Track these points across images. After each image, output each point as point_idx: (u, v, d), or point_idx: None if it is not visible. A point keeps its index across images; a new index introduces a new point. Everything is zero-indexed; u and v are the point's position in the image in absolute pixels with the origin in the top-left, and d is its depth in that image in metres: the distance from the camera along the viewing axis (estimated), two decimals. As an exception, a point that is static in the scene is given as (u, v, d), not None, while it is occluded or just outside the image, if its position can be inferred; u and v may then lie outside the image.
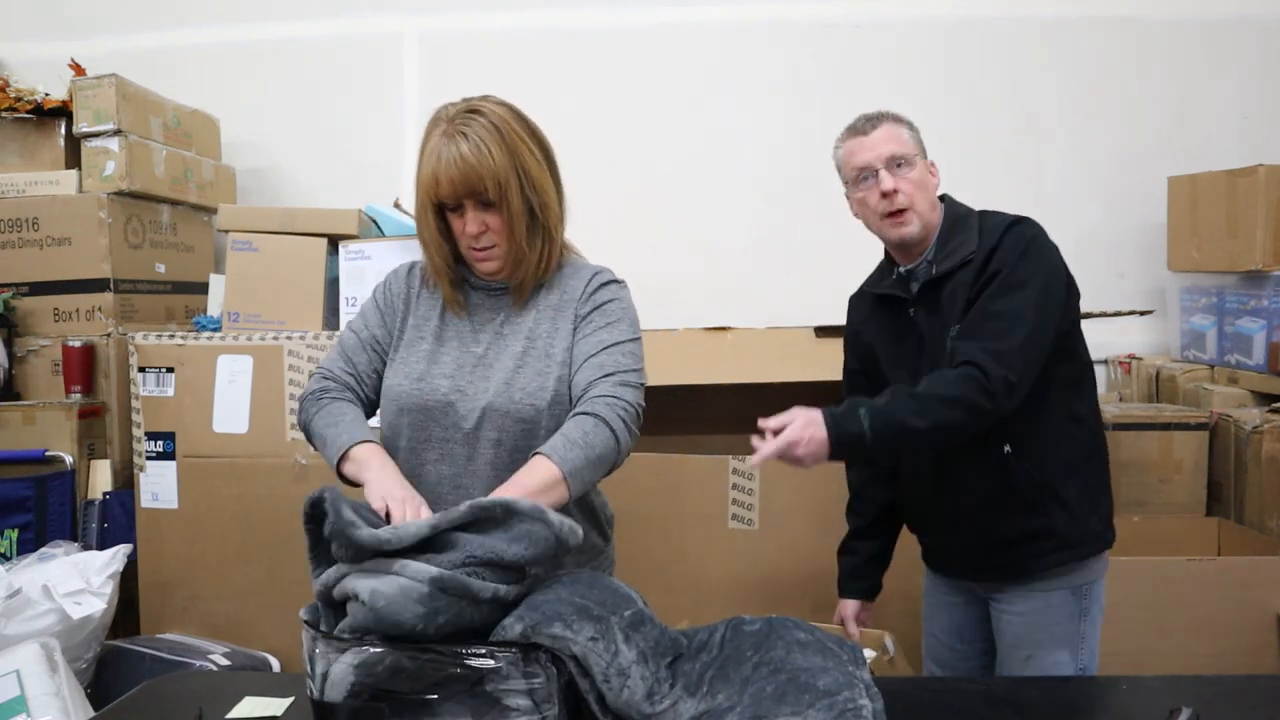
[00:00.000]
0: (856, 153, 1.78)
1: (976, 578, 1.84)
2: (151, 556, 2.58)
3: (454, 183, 1.44)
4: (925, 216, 1.75)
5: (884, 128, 1.77)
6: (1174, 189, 3.06)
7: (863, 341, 1.90)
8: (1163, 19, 3.19)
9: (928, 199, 1.77)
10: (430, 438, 1.51)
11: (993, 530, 1.74)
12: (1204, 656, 2.24)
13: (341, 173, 3.37)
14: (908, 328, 1.79)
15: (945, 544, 1.87)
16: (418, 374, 1.51)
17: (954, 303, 1.71)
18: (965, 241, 1.74)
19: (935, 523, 1.86)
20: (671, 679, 1.23)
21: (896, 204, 1.73)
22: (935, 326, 1.73)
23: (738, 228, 3.30)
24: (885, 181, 1.73)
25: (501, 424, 1.48)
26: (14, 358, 2.76)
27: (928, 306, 1.76)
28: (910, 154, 1.75)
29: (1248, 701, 1.39)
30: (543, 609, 1.19)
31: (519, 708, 1.14)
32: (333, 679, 1.15)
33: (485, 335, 1.54)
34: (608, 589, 1.29)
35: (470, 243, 1.49)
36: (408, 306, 1.59)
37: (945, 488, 1.78)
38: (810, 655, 1.26)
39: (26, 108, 2.80)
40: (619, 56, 3.33)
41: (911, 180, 1.74)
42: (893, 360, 1.82)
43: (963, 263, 1.72)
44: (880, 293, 1.85)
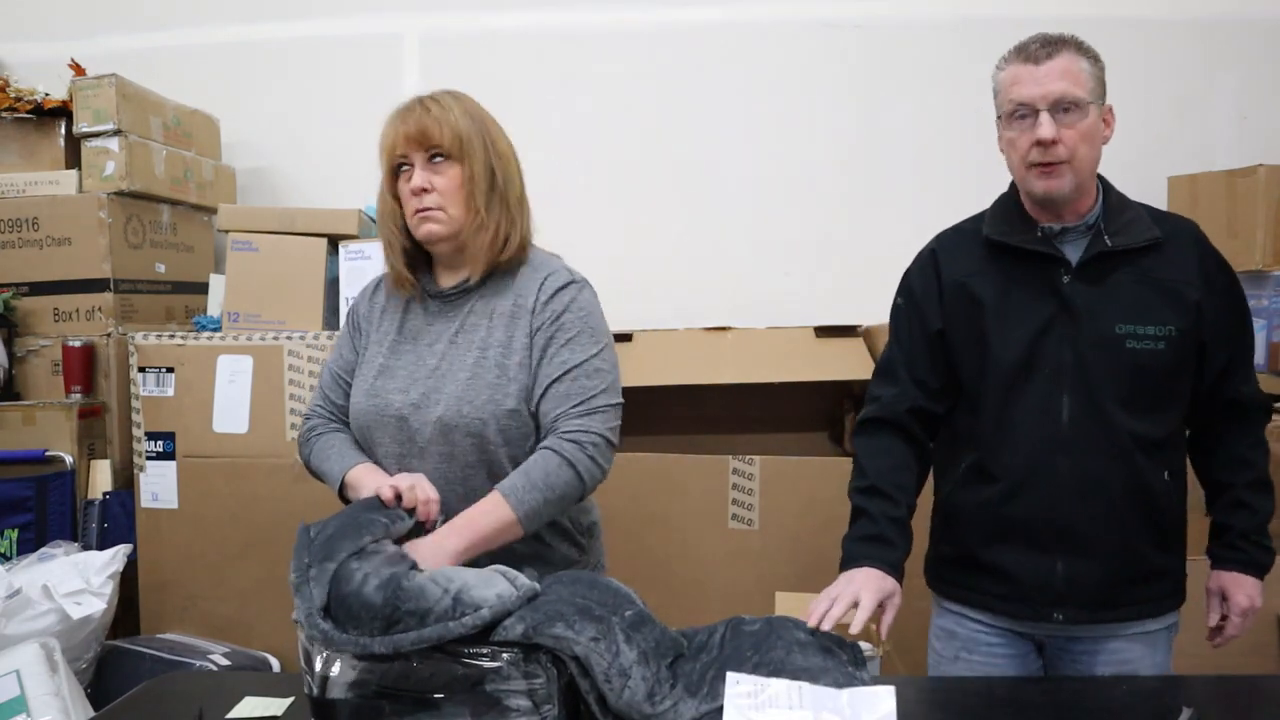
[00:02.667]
0: (1020, 83, 1.49)
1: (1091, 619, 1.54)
2: (151, 556, 2.58)
3: (409, 137, 1.45)
4: (1084, 174, 1.51)
5: (1062, 58, 1.48)
6: (1174, 189, 3.06)
7: (967, 294, 1.58)
8: (1163, 19, 3.19)
9: (1093, 154, 1.51)
10: (389, 453, 1.50)
11: (1147, 561, 1.54)
12: (1204, 657, 2.24)
13: (341, 173, 3.36)
14: (1047, 292, 1.52)
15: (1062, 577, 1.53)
16: (373, 389, 1.51)
17: (1126, 288, 1.50)
18: (1139, 221, 1.54)
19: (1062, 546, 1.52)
20: (672, 679, 1.23)
21: (1052, 155, 1.47)
22: (1098, 304, 1.51)
23: (737, 227, 3.30)
24: (1044, 128, 1.46)
25: (453, 438, 1.45)
26: (14, 358, 2.76)
27: (1088, 280, 1.51)
28: (1085, 99, 1.48)
29: (1248, 701, 1.39)
30: (544, 609, 1.19)
31: (519, 708, 1.14)
32: (334, 678, 1.15)
33: (440, 345, 1.51)
34: (608, 589, 1.29)
35: (415, 204, 1.46)
36: (370, 324, 1.59)
37: (1111, 503, 1.51)
38: (810, 656, 1.26)
39: (26, 108, 2.79)
40: (619, 56, 3.33)
41: (1079, 130, 1.48)
42: (1012, 325, 1.54)
43: (1145, 245, 1.51)
44: (1021, 246, 1.54)
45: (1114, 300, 1.51)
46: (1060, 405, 1.51)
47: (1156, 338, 1.49)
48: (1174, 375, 1.52)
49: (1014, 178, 1.57)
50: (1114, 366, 1.50)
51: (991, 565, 1.57)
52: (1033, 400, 1.52)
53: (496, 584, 1.20)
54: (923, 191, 3.17)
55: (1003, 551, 1.56)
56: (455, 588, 1.17)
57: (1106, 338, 1.50)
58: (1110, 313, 1.50)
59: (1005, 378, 1.54)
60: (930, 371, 1.62)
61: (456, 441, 1.45)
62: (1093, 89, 1.49)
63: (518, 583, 1.21)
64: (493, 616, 1.15)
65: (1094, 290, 1.51)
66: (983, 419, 1.57)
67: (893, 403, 1.63)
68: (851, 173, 3.23)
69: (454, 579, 1.19)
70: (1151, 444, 1.52)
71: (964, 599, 1.64)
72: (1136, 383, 1.50)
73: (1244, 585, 1.58)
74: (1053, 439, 1.51)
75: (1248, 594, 1.57)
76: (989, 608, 1.60)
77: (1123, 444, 1.50)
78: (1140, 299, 1.51)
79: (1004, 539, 1.56)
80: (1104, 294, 1.51)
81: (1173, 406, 1.55)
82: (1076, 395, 1.51)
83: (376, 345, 1.56)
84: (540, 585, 1.25)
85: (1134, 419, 1.50)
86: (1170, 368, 1.51)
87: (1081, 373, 1.50)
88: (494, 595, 1.17)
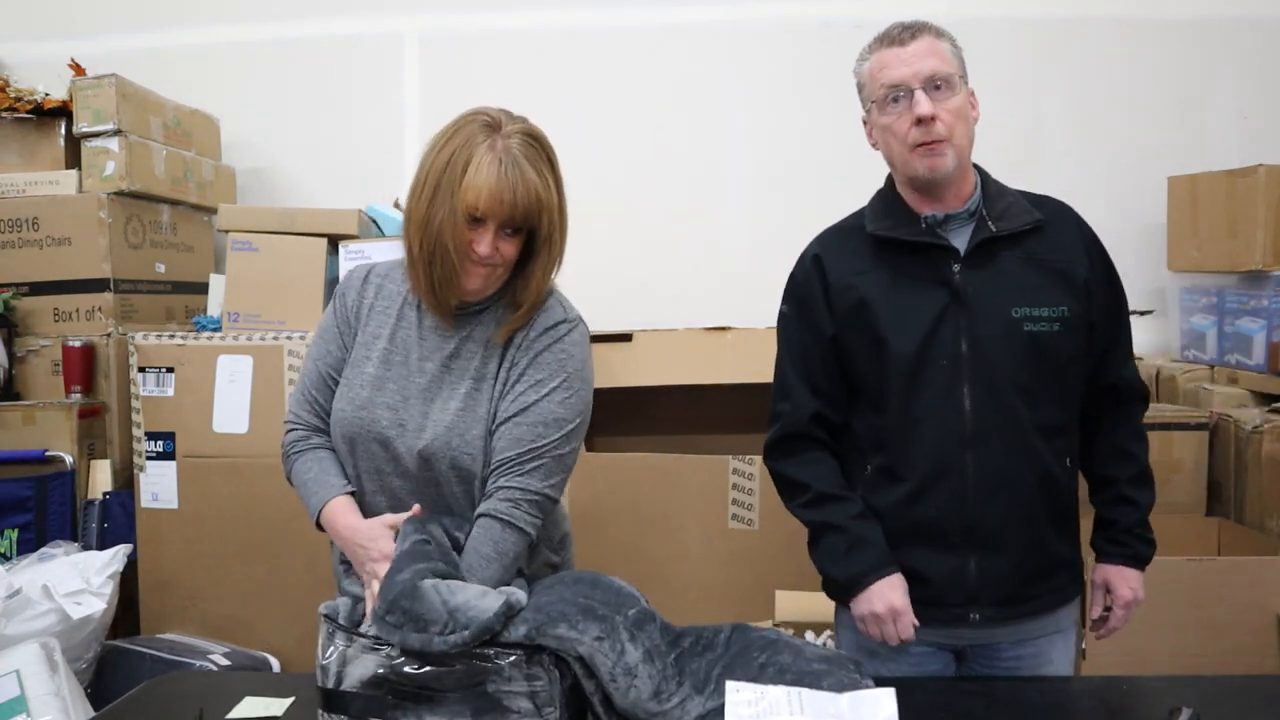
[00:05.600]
0: (890, 66, 1.48)
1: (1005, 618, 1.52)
2: (151, 556, 2.58)
3: (505, 206, 1.34)
4: (963, 152, 1.50)
5: (925, 39, 1.47)
6: (1174, 189, 3.06)
7: (854, 297, 1.53)
8: (1163, 19, 3.19)
9: (967, 133, 1.50)
10: (371, 468, 1.45)
11: (1049, 551, 1.53)
12: (1204, 656, 2.24)
13: (341, 173, 3.37)
14: (938, 287, 1.50)
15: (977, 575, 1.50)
16: (360, 401, 1.44)
17: (1016, 269, 1.48)
18: (1017, 205, 1.52)
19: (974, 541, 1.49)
20: (679, 677, 1.23)
21: (933, 133, 1.45)
22: (989, 290, 1.48)
23: (737, 227, 3.30)
24: (921, 105, 1.44)
25: (439, 469, 1.41)
26: (14, 358, 2.76)
27: (977, 266, 1.49)
28: (953, 74, 1.47)
29: (1248, 701, 1.39)
30: (547, 610, 1.19)
31: (521, 710, 1.15)
32: (350, 673, 1.17)
33: (431, 366, 1.44)
34: (610, 588, 1.29)
35: (476, 259, 1.38)
36: (359, 320, 1.49)
37: (1015, 494, 1.48)
38: (815, 664, 1.27)
39: (26, 108, 2.80)
40: (619, 56, 3.33)
41: (953, 108, 1.46)
42: (905, 320, 1.50)
43: (1029, 228, 1.50)
44: (906, 239, 1.52)
45: (1006, 284, 1.49)
46: (962, 397, 1.48)
47: (1052, 319, 1.48)
48: (1071, 357, 1.51)
49: (894, 166, 1.55)
50: (1013, 351, 1.47)
51: (905, 569, 1.51)
52: (933, 395, 1.48)
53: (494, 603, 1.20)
54: (923, 191, 3.17)
55: (914, 554, 1.51)
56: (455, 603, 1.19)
57: (1004, 322, 1.47)
58: (1004, 297, 1.48)
59: (904, 375, 1.49)
60: (826, 378, 1.57)
61: (443, 473, 1.42)
62: (958, 67, 1.49)
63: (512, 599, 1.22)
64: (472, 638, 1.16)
65: (984, 276, 1.49)
66: (886, 419, 1.52)
67: (795, 415, 1.58)
68: (851, 173, 3.22)
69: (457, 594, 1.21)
70: (1053, 431, 1.50)
71: None
72: (1036, 367, 1.48)
73: (1128, 579, 1.59)
74: (957, 433, 1.48)
75: (1131, 587, 1.59)
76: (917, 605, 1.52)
77: (1026, 433, 1.48)
78: (1031, 281, 1.49)
79: (915, 541, 1.51)
80: (995, 279, 1.49)
81: (1071, 391, 1.54)
82: (976, 385, 1.47)
83: (364, 348, 1.47)
84: (541, 585, 1.26)
85: (1036, 406, 1.48)
86: (1067, 349, 1.50)
87: (980, 361, 1.47)
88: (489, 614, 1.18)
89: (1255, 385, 2.73)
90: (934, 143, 1.46)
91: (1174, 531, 2.59)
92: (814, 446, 1.58)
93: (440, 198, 1.35)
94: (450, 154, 1.35)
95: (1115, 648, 1.96)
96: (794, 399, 1.58)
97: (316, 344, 1.52)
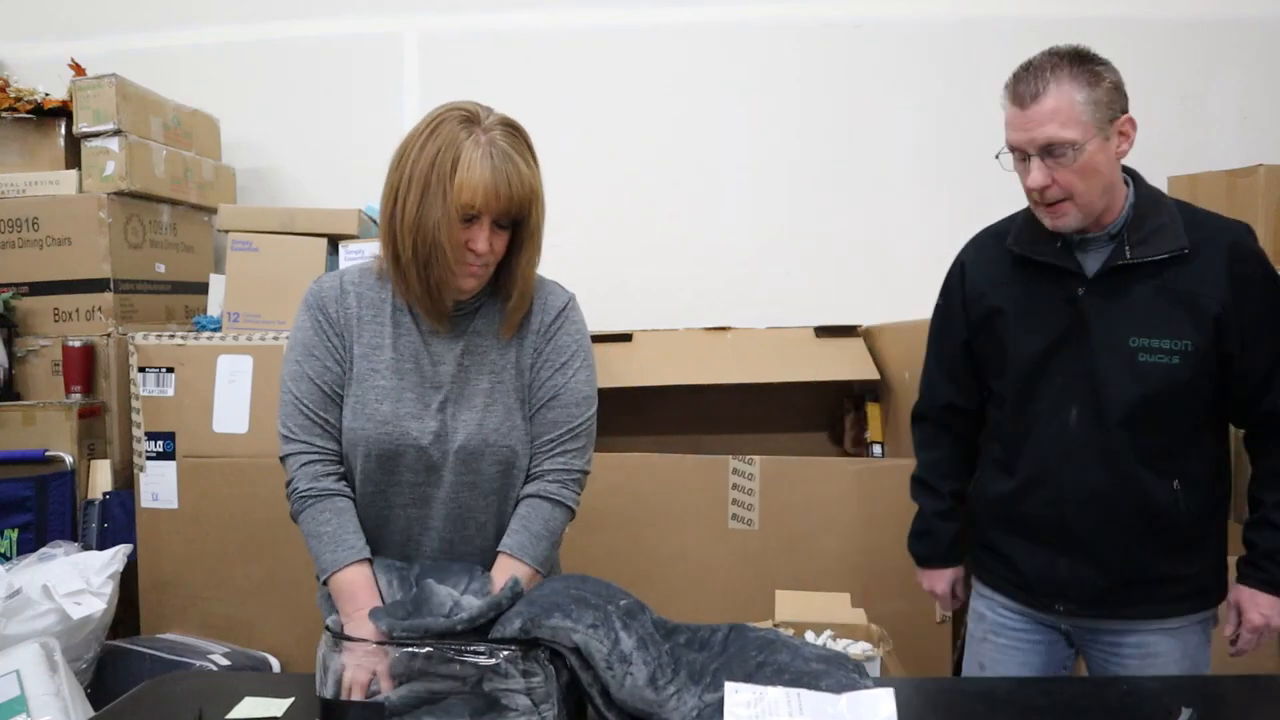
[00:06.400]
0: (1011, 126, 1.49)
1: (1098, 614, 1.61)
2: (151, 556, 2.58)
3: (501, 199, 1.32)
4: (1090, 206, 1.50)
5: (1050, 96, 1.44)
6: (1174, 189, 3.05)
7: (988, 305, 1.63)
8: (1162, 19, 3.19)
9: (1100, 184, 1.48)
10: (400, 481, 1.43)
11: (1150, 567, 1.57)
12: (1204, 656, 2.23)
13: (341, 173, 3.36)
14: (1063, 304, 1.55)
15: (1070, 572, 1.60)
16: (383, 416, 1.40)
17: (1144, 301, 1.50)
18: (1166, 231, 1.51)
19: (1068, 545, 1.59)
20: (674, 666, 1.23)
21: (1048, 198, 1.49)
22: (1114, 318, 1.52)
23: (737, 228, 3.30)
24: (1033, 176, 1.47)
25: (477, 466, 1.42)
26: (14, 358, 2.76)
27: (1103, 293, 1.52)
28: (1077, 139, 1.44)
29: (1248, 701, 1.39)
30: (540, 603, 1.20)
31: (518, 707, 1.15)
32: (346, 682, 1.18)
33: (445, 368, 1.43)
34: (599, 583, 1.31)
35: (471, 258, 1.36)
36: (350, 332, 1.44)
37: (1108, 508, 1.56)
38: (813, 664, 1.27)
39: (26, 108, 2.79)
40: (619, 56, 3.33)
41: (1075, 170, 1.45)
42: (1027, 332, 1.58)
43: (1169, 256, 1.50)
44: (1038, 259, 1.57)
45: (1129, 313, 1.52)
46: (1069, 414, 1.57)
47: (1171, 351, 1.50)
48: (1189, 388, 1.52)
49: None
50: (1124, 379, 1.52)
51: (1006, 554, 1.68)
52: (1044, 406, 1.59)
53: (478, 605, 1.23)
54: (922, 191, 3.17)
55: (1014, 543, 1.66)
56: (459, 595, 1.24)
57: (1119, 351, 1.52)
58: (1124, 326, 1.52)
59: (1021, 383, 1.61)
60: (961, 372, 1.75)
61: (482, 470, 1.43)
62: (1090, 118, 1.45)
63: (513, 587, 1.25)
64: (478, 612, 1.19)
65: (1108, 303, 1.53)
66: (1005, 419, 1.66)
67: (930, 398, 1.81)
68: (851, 172, 3.23)
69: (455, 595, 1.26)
70: (1158, 455, 1.54)
71: (989, 581, 1.75)
72: (1146, 395, 1.51)
73: (1259, 604, 1.59)
74: (1060, 445, 1.57)
75: (1262, 613, 1.59)
76: (1007, 593, 1.70)
77: (1124, 456, 1.54)
78: (1157, 312, 1.51)
79: (1015, 531, 1.66)
80: (1119, 306, 1.52)
81: (1186, 418, 1.55)
82: (1083, 406, 1.55)
83: (366, 361, 1.43)
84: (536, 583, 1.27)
85: (1139, 432, 1.53)
86: (1184, 381, 1.51)
87: (1091, 384, 1.54)
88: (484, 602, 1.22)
89: (1255, 385, 2.73)
90: (1054, 204, 1.50)
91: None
92: (938, 430, 1.81)
93: (430, 198, 1.32)
94: (435, 152, 1.32)
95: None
96: (930, 384, 1.81)
97: (305, 361, 1.45)
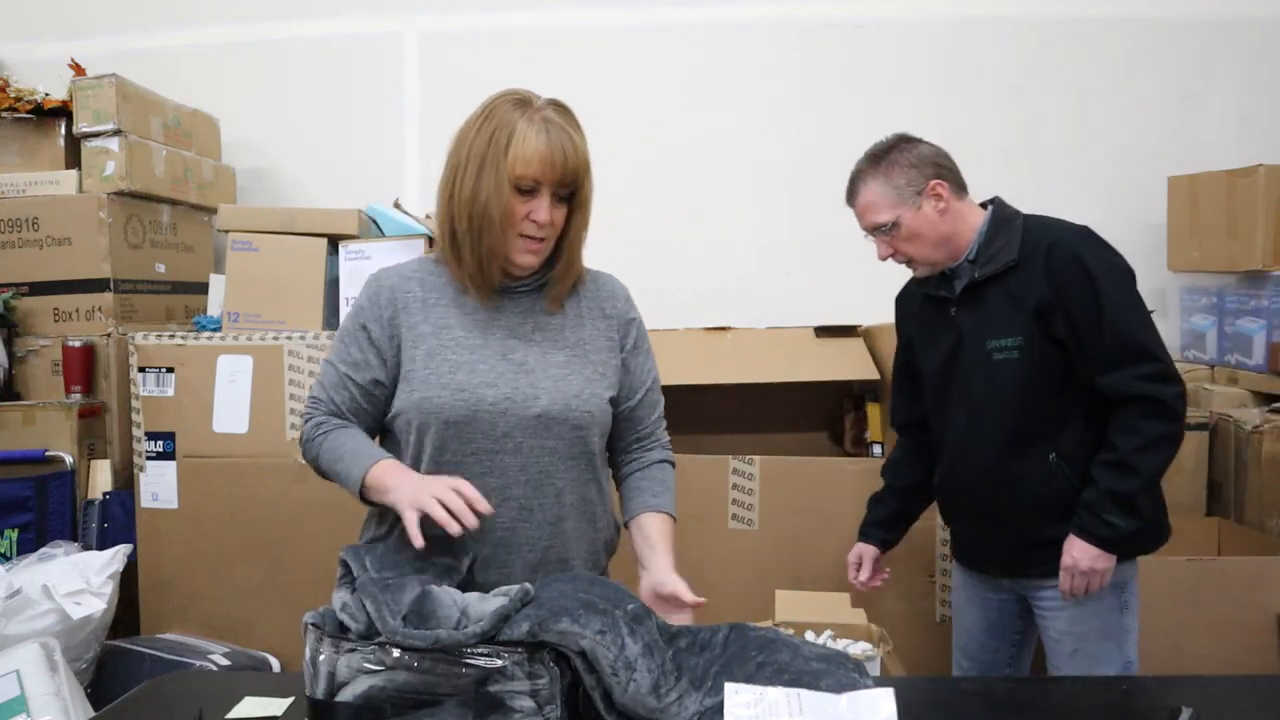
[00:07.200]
0: (856, 215, 1.90)
1: (1016, 574, 1.90)
2: (151, 556, 2.58)
3: (558, 168, 1.40)
4: (929, 258, 1.85)
5: (861, 197, 1.86)
6: (1174, 189, 3.06)
7: (906, 334, 2.03)
8: (1162, 19, 3.19)
9: (930, 239, 1.84)
10: (477, 449, 1.44)
11: (1040, 532, 1.81)
12: (1204, 656, 2.24)
13: (341, 173, 3.37)
14: (947, 325, 1.88)
15: (989, 541, 1.91)
16: (457, 384, 1.43)
17: (992, 309, 1.81)
18: (1006, 248, 1.81)
19: (982, 519, 1.90)
20: (677, 672, 1.23)
21: (896, 262, 1.88)
22: (975, 327, 1.83)
23: (738, 228, 3.30)
24: (879, 250, 1.87)
25: (558, 431, 1.45)
26: (14, 358, 2.76)
27: (968, 307, 1.85)
28: (889, 220, 1.82)
29: (1248, 701, 1.39)
30: (548, 606, 1.19)
31: (523, 709, 1.14)
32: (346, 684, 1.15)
33: (516, 341, 1.48)
34: (608, 585, 1.30)
35: (533, 230, 1.42)
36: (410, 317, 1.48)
37: (997, 487, 1.84)
38: (814, 664, 1.27)
39: (26, 108, 2.80)
40: (619, 56, 3.33)
41: (901, 238, 1.83)
42: (928, 355, 1.94)
43: (1005, 268, 1.79)
44: (928, 292, 1.93)
45: (985, 321, 1.83)
46: (959, 412, 1.88)
47: (1012, 348, 1.80)
48: (1034, 374, 1.79)
49: None
50: (988, 376, 1.82)
51: (954, 530, 2.05)
52: (949, 409, 1.91)
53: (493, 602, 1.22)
54: (923, 191, 3.17)
55: (954, 521, 2.03)
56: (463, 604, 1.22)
57: (981, 354, 1.83)
58: (983, 332, 1.83)
59: (933, 392, 1.95)
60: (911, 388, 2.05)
61: (560, 435, 1.46)
62: (894, 201, 1.82)
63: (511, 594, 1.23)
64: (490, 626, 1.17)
65: (971, 315, 1.85)
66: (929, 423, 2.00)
67: (894, 416, 2.13)
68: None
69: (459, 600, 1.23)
70: (1032, 435, 1.81)
71: (954, 554, 2.07)
72: (1005, 386, 1.81)
73: (1073, 546, 1.76)
74: (959, 438, 1.89)
75: (1073, 554, 1.76)
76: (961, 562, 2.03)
77: (1003, 439, 1.82)
78: (1001, 316, 1.80)
79: (951, 512, 2.02)
80: (977, 317, 1.84)
81: (1044, 399, 1.80)
82: (968, 404, 1.86)
83: (434, 339, 1.46)
84: (540, 583, 1.26)
85: (1008, 417, 1.81)
86: (1027, 370, 1.79)
87: (970, 385, 1.85)
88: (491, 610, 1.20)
89: (1255, 385, 2.74)
90: (906, 263, 1.89)
91: (1174, 531, 2.60)
92: (904, 438, 2.11)
93: (485, 173, 1.41)
94: (490, 133, 1.41)
95: (1115, 648, 1.95)
96: (894, 403, 2.13)
97: (334, 349, 1.52)
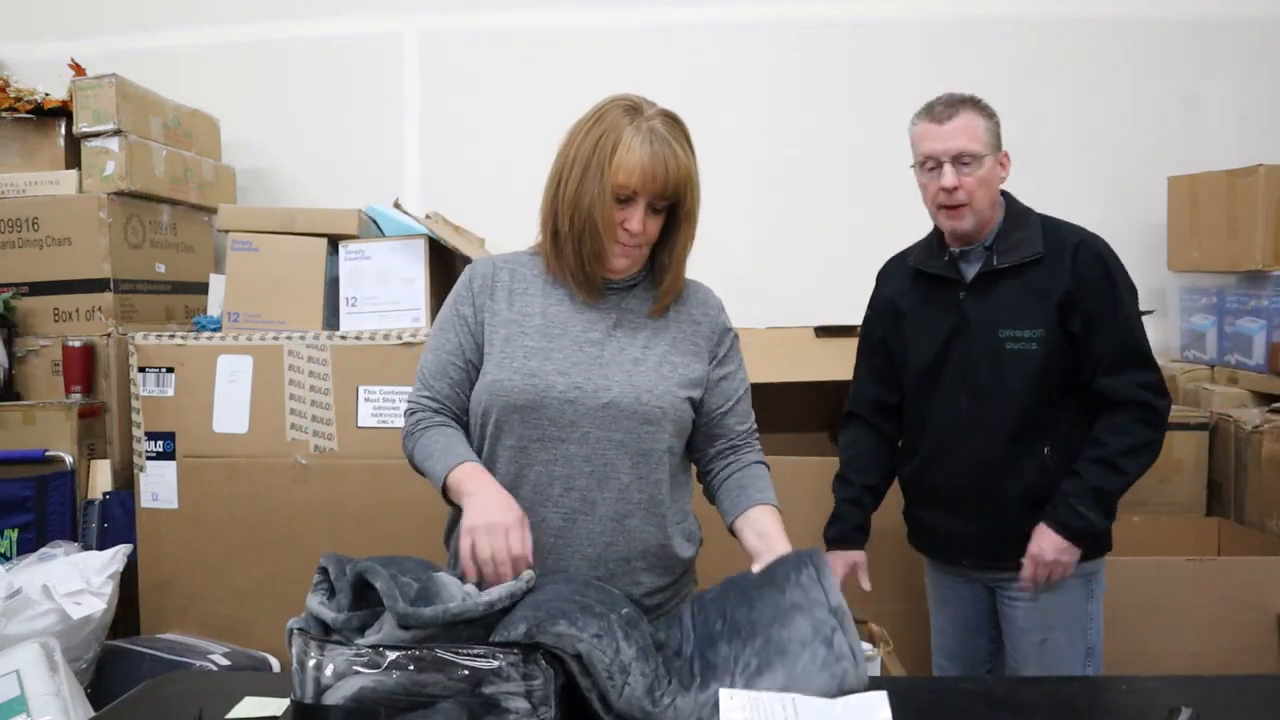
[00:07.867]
0: (927, 139, 1.80)
1: (986, 567, 1.89)
2: (151, 556, 2.58)
3: (658, 180, 1.45)
4: (983, 214, 1.80)
5: (960, 119, 1.77)
6: (1174, 189, 3.06)
7: (895, 309, 1.94)
8: (1162, 19, 3.19)
9: (989, 196, 1.80)
10: (543, 436, 1.45)
11: (1018, 523, 1.81)
12: (1204, 656, 2.24)
13: (341, 173, 3.37)
14: (946, 307, 1.85)
15: (965, 531, 1.88)
16: (529, 370, 1.45)
17: (1008, 299, 1.79)
18: (1027, 241, 1.80)
19: (963, 507, 1.87)
20: (669, 676, 1.23)
21: (955, 200, 1.78)
22: (986, 315, 1.81)
23: (738, 228, 3.30)
24: (947, 177, 1.77)
25: (626, 425, 1.45)
26: (14, 358, 2.76)
27: (979, 293, 1.82)
28: (981, 153, 1.76)
29: (1248, 701, 1.38)
30: (546, 608, 1.19)
31: (517, 710, 1.14)
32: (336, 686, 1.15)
33: (595, 334, 1.49)
34: (602, 589, 1.31)
35: (626, 239, 1.47)
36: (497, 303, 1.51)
37: (994, 476, 1.83)
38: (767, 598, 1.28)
39: (26, 108, 2.79)
40: (619, 56, 3.33)
41: (977, 178, 1.77)
42: (918, 335, 1.89)
43: (1026, 262, 1.78)
44: (930, 271, 1.88)
45: (998, 309, 1.81)
46: (959, 398, 1.85)
47: (1029, 339, 1.79)
48: (1048, 367, 1.79)
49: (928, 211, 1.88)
50: (998, 365, 1.80)
51: (922, 521, 1.98)
52: (940, 391, 1.87)
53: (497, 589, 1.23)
54: (923, 191, 3.17)
55: (926, 511, 1.96)
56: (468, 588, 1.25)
57: (992, 341, 1.80)
58: (994, 320, 1.81)
59: (920, 376, 1.90)
60: (882, 368, 2.00)
61: (629, 429, 1.46)
62: (988, 142, 1.78)
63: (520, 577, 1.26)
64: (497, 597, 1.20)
65: (983, 302, 1.82)
66: (910, 404, 1.95)
67: (858, 396, 2.05)
68: (851, 173, 3.23)
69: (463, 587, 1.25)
70: (1031, 425, 1.81)
71: (921, 549, 2.02)
72: (1016, 376, 1.80)
73: (1041, 536, 1.79)
74: (954, 424, 1.86)
75: (1040, 544, 1.78)
76: (930, 556, 2.00)
77: (1003, 428, 1.81)
78: (1018, 307, 1.79)
79: (923, 501, 1.96)
80: (991, 305, 1.82)
81: (1051, 393, 1.80)
82: (970, 390, 1.83)
83: (516, 325, 1.49)
84: (539, 582, 1.27)
85: (1012, 407, 1.80)
86: (1043, 362, 1.79)
87: (975, 372, 1.83)
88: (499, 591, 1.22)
89: (1255, 385, 2.74)
90: (955, 207, 1.79)
91: (1174, 531, 2.60)
92: (863, 429, 2.02)
93: (590, 178, 1.44)
94: (598, 138, 1.46)
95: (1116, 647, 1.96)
96: (858, 384, 2.05)
97: (433, 338, 1.55)
